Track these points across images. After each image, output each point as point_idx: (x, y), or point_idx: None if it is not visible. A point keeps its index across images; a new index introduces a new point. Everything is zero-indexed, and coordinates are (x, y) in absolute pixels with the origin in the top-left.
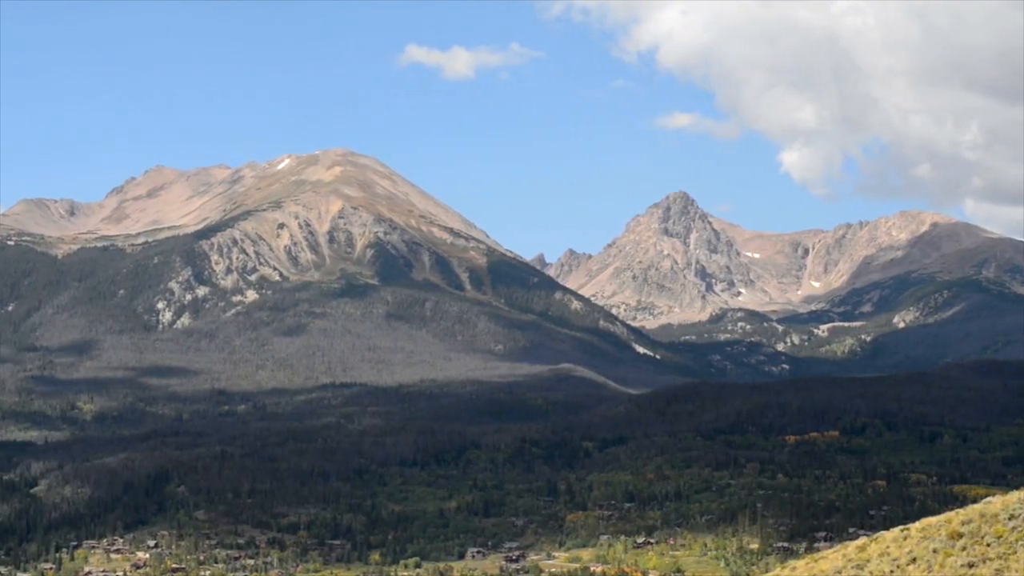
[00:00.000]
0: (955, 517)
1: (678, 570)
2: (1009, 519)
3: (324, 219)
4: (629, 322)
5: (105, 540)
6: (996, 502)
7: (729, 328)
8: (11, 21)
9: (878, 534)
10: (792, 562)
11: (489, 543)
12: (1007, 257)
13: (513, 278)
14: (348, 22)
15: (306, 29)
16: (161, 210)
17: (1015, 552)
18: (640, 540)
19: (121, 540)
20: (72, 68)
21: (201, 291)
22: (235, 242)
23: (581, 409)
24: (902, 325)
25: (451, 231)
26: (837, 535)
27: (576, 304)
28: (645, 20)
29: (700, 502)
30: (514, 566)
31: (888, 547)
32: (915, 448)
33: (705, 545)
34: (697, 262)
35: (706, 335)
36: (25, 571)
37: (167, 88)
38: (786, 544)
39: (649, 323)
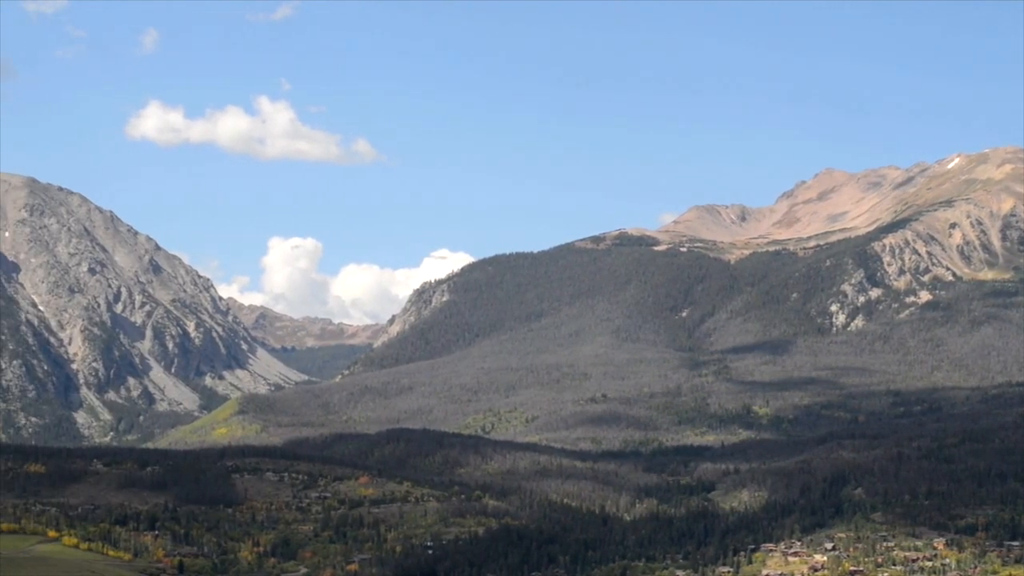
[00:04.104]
0: None
1: None
2: None
3: (996, 217)
4: None
5: (782, 543)
6: None
7: None
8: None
9: None
10: None
11: None
12: None
13: None
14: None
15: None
16: (831, 213)
17: None
18: None
19: (798, 543)
20: (744, 76)
21: (874, 293)
22: (907, 243)
23: None
24: None
25: None
26: None
27: None
28: None
29: None
30: None
31: None
32: None
33: None
34: None
35: None
36: (703, 575)
37: (845, 90)
38: None
39: None
